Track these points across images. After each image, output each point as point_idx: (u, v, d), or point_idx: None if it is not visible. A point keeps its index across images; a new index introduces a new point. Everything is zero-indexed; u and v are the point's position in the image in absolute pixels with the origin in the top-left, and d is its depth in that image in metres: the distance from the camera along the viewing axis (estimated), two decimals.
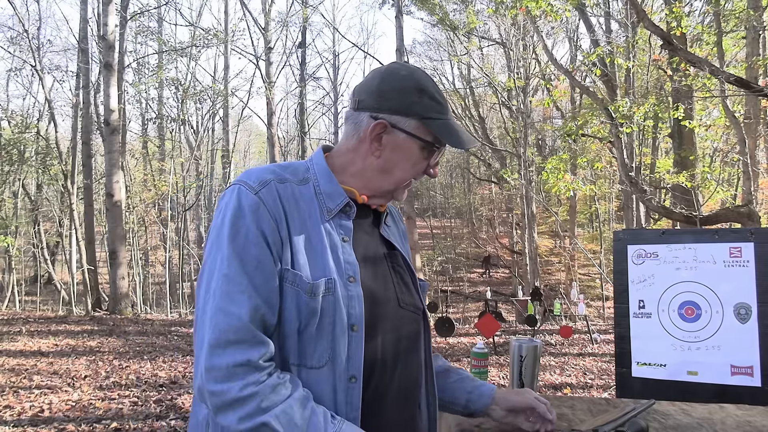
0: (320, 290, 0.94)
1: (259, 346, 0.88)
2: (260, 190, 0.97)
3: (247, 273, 0.91)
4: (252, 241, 0.93)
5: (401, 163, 1.05)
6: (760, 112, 7.80)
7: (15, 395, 5.12)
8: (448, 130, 1.05)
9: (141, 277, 14.44)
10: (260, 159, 34.22)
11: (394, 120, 1.04)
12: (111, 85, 11.22)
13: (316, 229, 0.99)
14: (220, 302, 0.89)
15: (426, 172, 1.09)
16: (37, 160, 14.87)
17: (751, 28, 7.55)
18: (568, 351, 7.71)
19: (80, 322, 10.05)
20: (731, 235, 2.13)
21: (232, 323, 0.87)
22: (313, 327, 0.94)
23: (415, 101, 1.04)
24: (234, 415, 0.85)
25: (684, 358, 2.05)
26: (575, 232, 19.30)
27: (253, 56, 17.94)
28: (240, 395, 0.85)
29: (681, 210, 7.44)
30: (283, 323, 0.95)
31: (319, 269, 0.96)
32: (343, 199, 1.04)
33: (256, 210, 0.95)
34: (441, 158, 1.13)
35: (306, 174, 1.06)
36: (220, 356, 0.86)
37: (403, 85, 1.05)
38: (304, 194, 1.02)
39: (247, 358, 0.86)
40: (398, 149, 1.05)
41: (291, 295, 0.94)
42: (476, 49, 17.35)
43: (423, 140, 1.04)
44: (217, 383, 0.86)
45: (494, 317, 7.30)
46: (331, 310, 0.95)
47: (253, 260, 0.92)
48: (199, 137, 18.94)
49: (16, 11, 13.01)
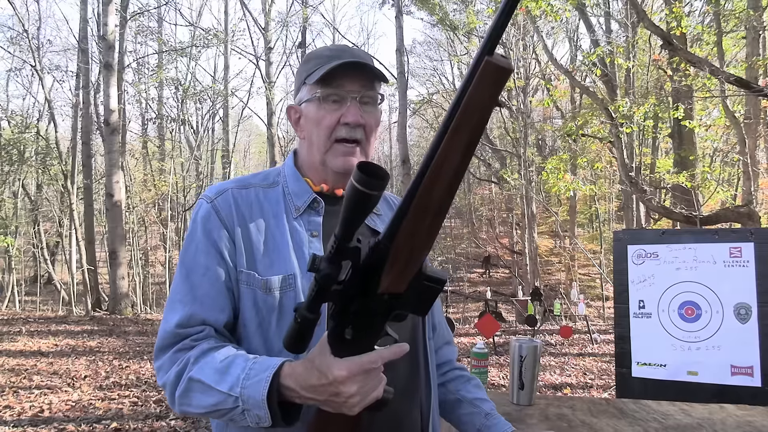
0: (275, 286, 0.98)
1: (183, 344, 0.96)
2: (215, 199, 1.04)
3: (189, 281, 1.00)
4: (201, 250, 1.01)
5: (312, 128, 1.06)
6: (760, 112, 7.79)
7: (15, 395, 5.12)
8: (322, 69, 1.01)
9: (141, 277, 14.43)
10: (260, 159, 34.20)
11: (297, 99, 1.10)
12: (111, 85, 11.22)
13: (280, 228, 1.03)
14: (165, 310, 1.02)
15: (340, 122, 1.03)
16: (37, 160, 14.86)
17: (751, 28, 7.55)
18: (568, 351, 7.71)
19: (80, 322, 10.05)
20: (731, 235, 2.13)
21: (165, 330, 0.98)
22: (274, 323, 0.98)
23: (303, 70, 1.07)
24: (174, 394, 0.93)
25: (684, 358, 2.05)
26: (575, 232, 19.29)
27: (253, 56, 17.95)
28: (170, 378, 0.94)
29: (681, 210, 7.43)
30: (245, 323, 1.01)
31: (281, 266, 1.00)
32: (309, 196, 1.07)
33: (207, 220, 1.02)
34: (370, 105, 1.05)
35: (276, 177, 1.11)
36: (158, 359, 0.98)
37: (298, 67, 1.11)
38: (271, 197, 1.07)
39: (173, 354, 0.96)
40: (307, 118, 1.07)
41: (247, 294, 1.00)
42: (476, 49, 17.35)
43: (314, 96, 1.04)
44: (160, 379, 0.97)
45: (494, 317, 7.30)
46: (292, 305, 0.96)
47: (201, 268, 1.00)
48: (199, 137, 18.93)
49: (16, 11, 12.99)
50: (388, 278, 0.73)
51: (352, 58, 1.02)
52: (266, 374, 0.84)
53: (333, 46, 1.08)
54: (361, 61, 1.01)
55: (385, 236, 0.71)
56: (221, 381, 0.88)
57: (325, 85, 1.02)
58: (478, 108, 0.63)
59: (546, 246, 21.77)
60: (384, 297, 0.75)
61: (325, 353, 0.80)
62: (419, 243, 0.71)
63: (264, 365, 0.87)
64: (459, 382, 1.21)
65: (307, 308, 0.76)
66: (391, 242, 0.71)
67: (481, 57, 0.62)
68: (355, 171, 0.65)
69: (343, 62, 1.00)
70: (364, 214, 0.68)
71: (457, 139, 0.65)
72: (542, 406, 1.64)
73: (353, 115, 1.02)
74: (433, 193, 0.68)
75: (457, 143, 0.65)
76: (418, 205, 0.69)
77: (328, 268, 0.71)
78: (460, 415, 1.17)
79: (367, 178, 0.65)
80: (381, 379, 0.82)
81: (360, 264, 0.73)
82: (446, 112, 0.65)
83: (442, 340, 1.25)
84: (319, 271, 0.71)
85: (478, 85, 0.62)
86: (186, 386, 0.92)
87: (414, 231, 0.70)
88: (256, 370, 0.86)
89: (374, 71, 1.03)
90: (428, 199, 0.68)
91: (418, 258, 0.72)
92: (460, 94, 0.64)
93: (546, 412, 1.58)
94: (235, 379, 0.87)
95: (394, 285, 0.73)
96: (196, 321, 0.97)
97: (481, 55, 0.62)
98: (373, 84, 1.06)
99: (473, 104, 0.63)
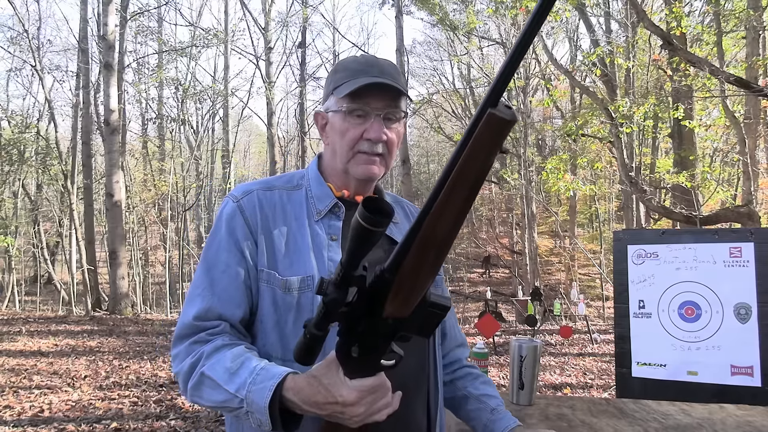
0: (295, 286, 1.03)
1: (199, 336, 1.01)
2: (241, 199, 1.09)
3: (210, 276, 1.04)
4: (224, 248, 1.05)
5: (337, 138, 1.09)
6: (760, 112, 7.79)
7: (15, 395, 5.12)
8: (350, 84, 1.05)
9: (141, 277, 14.44)
10: (260, 159, 34.20)
11: (324, 107, 1.14)
12: (111, 85, 11.22)
13: (302, 230, 1.07)
14: (184, 303, 1.07)
15: (363, 136, 1.07)
16: (37, 160, 14.86)
17: (751, 28, 7.54)
18: (568, 351, 7.71)
19: (80, 322, 10.05)
20: (731, 235, 2.13)
21: (183, 321, 1.02)
22: (291, 321, 1.02)
23: (331, 80, 1.11)
24: (187, 385, 0.98)
25: (684, 358, 2.05)
26: (575, 232, 19.29)
27: (253, 56, 17.96)
28: (185, 368, 0.98)
29: (681, 210, 7.43)
30: (263, 320, 1.05)
31: (301, 267, 1.04)
32: (330, 200, 1.11)
33: (232, 218, 1.07)
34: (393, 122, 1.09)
35: (300, 181, 1.16)
36: (175, 347, 1.03)
37: (328, 74, 1.15)
38: (294, 199, 1.12)
39: (189, 345, 1.00)
40: (332, 127, 1.11)
41: (267, 293, 1.04)
42: (476, 49, 17.35)
43: (340, 108, 1.07)
44: (175, 367, 1.02)
45: (494, 317, 7.30)
46: (309, 305, 1.02)
47: (222, 264, 1.04)
48: (199, 137, 18.92)
49: (16, 11, 12.99)
50: (392, 305, 0.75)
51: (379, 75, 1.06)
52: (271, 383, 0.88)
53: (362, 59, 1.10)
54: (386, 83, 1.04)
55: (390, 267, 0.73)
56: (230, 381, 0.92)
57: (351, 100, 1.05)
58: (480, 158, 0.65)
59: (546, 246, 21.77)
60: (388, 321, 0.77)
61: (333, 372, 0.84)
62: (422, 276, 0.73)
63: (270, 373, 0.90)
64: (467, 379, 1.24)
65: (315, 326, 0.79)
66: (395, 274, 0.73)
67: (485, 108, 0.63)
68: (360, 208, 0.67)
69: (369, 83, 1.03)
70: (369, 246, 0.71)
71: (460, 184, 0.67)
72: (542, 406, 1.64)
73: (376, 132, 1.06)
74: (436, 230, 0.70)
75: (460, 188, 0.67)
76: (421, 239, 0.71)
77: (334, 292, 0.74)
78: (468, 411, 1.20)
79: (371, 216, 0.67)
80: (388, 402, 0.85)
81: (365, 290, 0.76)
82: (450, 158, 0.67)
83: (454, 343, 1.28)
84: (326, 295, 0.75)
85: (480, 136, 0.64)
86: (198, 380, 0.96)
87: (417, 265, 0.72)
88: (262, 377, 0.90)
89: (399, 88, 1.06)
90: (432, 235, 0.70)
91: (421, 289, 0.75)
92: (463, 143, 0.65)
93: (546, 412, 1.58)
94: (242, 382, 0.91)
95: (397, 311, 0.76)
96: (213, 315, 1.01)
97: (484, 107, 0.63)
98: (398, 101, 1.09)
99: (475, 154, 0.65)
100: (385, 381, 0.84)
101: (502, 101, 0.64)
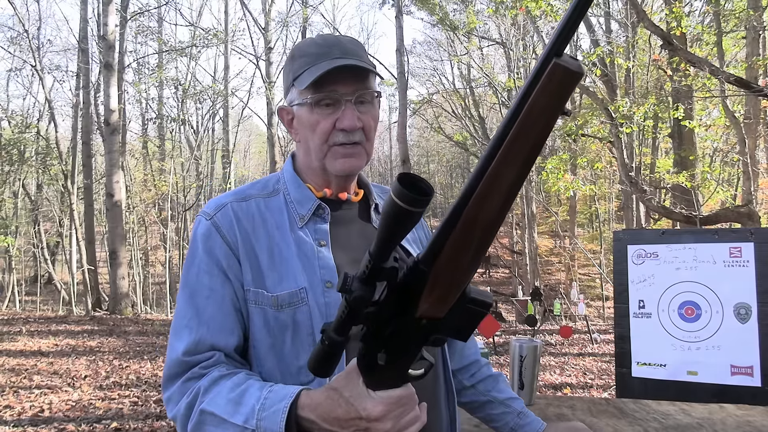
0: (286, 302, 0.93)
1: (192, 372, 0.91)
2: (215, 215, 0.98)
3: (194, 304, 0.93)
4: (204, 271, 0.95)
5: (307, 133, 0.99)
6: (760, 112, 7.79)
7: (15, 395, 5.12)
8: (311, 72, 0.94)
9: (141, 277, 14.45)
10: (260, 159, 34.20)
11: (288, 100, 1.03)
12: (111, 85, 11.22)
13: (286, 239, 0.97)
14: (170, 336, 0.95)
15: (336, 127, 0.96)
16: (37, 160, 14.86)
17: (751, 28, 7.54)
18: (568, 351, 7.71)
19: (80, 322, 10.05)
20: (731, 235, 2.13)
21: (172, 358, 0.92)
22: (289, 341, 0.93)
23: (290, 70, 1.00)
24: (187, 428, 0.87)
25: (684, 358, 2.05)
26: (575, 232, 19.29)
27: (253, 56, 17.95)
28: (181, 410, 0.88)
29: (681, 210, 7.43)
30: (255, 345, 0.95)
31: (290, 280, 0.94)
32: (312, 203, 1.01)
33: (208, 238, 0.96)
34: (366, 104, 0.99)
35: (276, 185, 1.05)
36: (167, 389, 0.92)
37: (285, 63, 1.04)
38: (273, 206, 1.01)
39: (182, 384, 0.90)
40: (300, 122, 1.00)
41: (257, 314, 0.94)
42: (476, 49, 17.35)
43: (305, 100, 0.97)
44: (170, 412, 0.91)
45: (494, 317, 7.30)
46: (307, 321, 0.92)
47: (205, 290, 0.94)
48: (199, 137, 18.93)
49: (16, 11, 13.00)
50: (427, 303, 0.65)
51: (341, 55, 0.95)
52: (283, 404, 0.79)
53: (320, 39, 0.99)
54: (351, 63, 0.94)
55: (425, 258, 0.64)
56: (235, 413, 0.82)
57: (316, 89, 0.95)
58: (543, 115, 0.56)
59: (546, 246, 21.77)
60: (422, 321, 0.67)
61: (355, 383, 0.75)
62: (463, 268, 0.63)
63: (280, 394, 0.81)
64: (488, 382, 1.18)
65: (335, 330, 0.69)
66: (431, 266, 0.63)
67: (549, 58, 0.54)
68: (395, 184, 0.58)
69: (332, 67, 0.92)
70: (404, 232, 0.61)
71: (517, 148, 0.57)
72: (542, 406, 1.64)
73: (349, 120, 0.95)
74: (484, 208, 0.59)
75: (517, 153, 0.57)
76: (464, 223, 0.60)
77: (361, 289, 0.64)
78: (491, 415, 1.16)
79: (410, 194, 0.57)
80: (417, 416, 0.77)
81: (396, 285, 0.66)
82: (504, 119, 0.57)
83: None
84: (351, 293, 0.64)
85: (544, 89, 0.54)
86: (198, 419, 0.86)
87: (457, 255, 0.62)
88: (271, 400, 0.81)
89: (367, 67, 0.96)
90: (477, 217, 0.60)
91: (461, 283, 0.65)
92: (522, 99, 0.56)
93: (546, 411, 1.58)
94: (250, 410, 0.81)
95: (433, 310, 0.66)
96: (205, 347, 0.91)
97: (548, 56, 0.54)
98: (367, 80, 0.98)
99: (537, 110, 0.55)
100: (413, 392, 0.75)
101: (566, 53, 0.54)
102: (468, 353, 1.20)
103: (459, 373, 1.18)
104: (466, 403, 1.19)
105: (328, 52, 0.95)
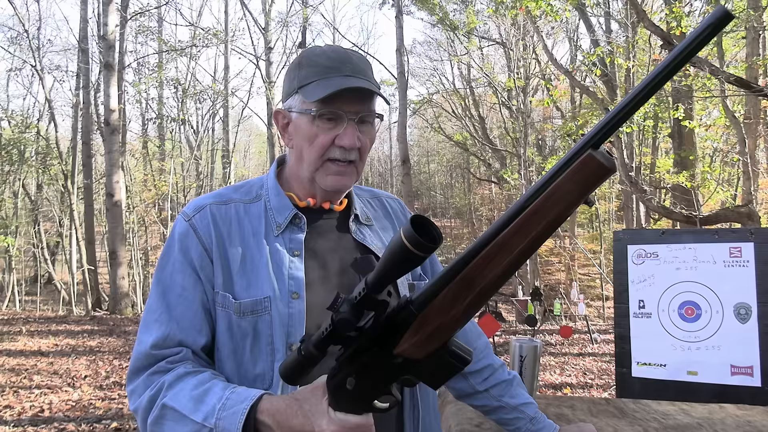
0: (249, 309, 0.93)
1: (159, 366, 0.91)
2: (193, 216, 0.99)
3: (165, 301, 0.94)
4: (178, 270, 0.96)
5: (304, 143, 0.97)
6: (760, 112, 7.80)
7: (15, 395, 5.12)
8: (321, 85, 0.93)
9: (141, 277, 14.43)
10: (260, 159, 34.21)
11: (286, 105, 1.01)
12: (111, 85, 11.22)
13: (260, 247, 0.97)
14: (139, 330, 0.96)
15: (335, 143, 0.96)
16: (37, 160, 14.86)
17: (751, 28, 7.54)
18: (568, 351, 7.71)
19: (80, 322, 10.05)
20: (731, 235, 2.13)
21: (140, 350, 0.92)
22: (248, 349, 0.93)
23: (296, 76, 0.99)
24: (146, 422, 0.88)
25: (684, 358, 2.05)
26: (575, 232, 19.29)
27: (253, 56, 17.96)
28: (143, 403, 0.89)
29: (681, 210, 7.43)
30: (219, 347, 0.96)
31: (256, 288, 0.94)
32: (290, 212, 1.01)
33: (185, 238, 0.97)
34: (367, 125, 0.99)
35: (259, 191, 1.05)
36: (131, 382, 0.92)
37: (290, 67, 1.03)
38: (252, 212, 1.01)
39: (147, 377, 0.91)
40: (297, 130, 0.99)
41: (222, 317, 0.95)
42: (476, 49, 17.35)
43: (308, 111, 0.96)
44: (132, 404, 0.92)
45: (494, 317, 7.29)
46: (267, 330, 0.92)
47: (177, 288, 0.95)
48: (199, 137, 18.92)
49: (16, 11, 13.00)
50: (408, 343, 0.67)
51: (352, 73, 0.95)
52: (243, 406, 0.80)
53: (331, 52, 0.98)
54: (362, 86, 0.94)
55: (418, 300, 0.65)
56: (196, 410, 0.83)
57: (322, 104, 0.94)
58: (565, 199, 0.56)
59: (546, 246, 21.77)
60: (398, 359, 0.68)
61: (318, 399, 0.76)
62: (451, 320, 0.64)
63: (242, 396, 0.82)
64: (501, 387, 1.17)
65: (314, 344, 0.71)
66: (422, 309, 0.65)
67: (584, 148, 0.54)
68: (407, 226, 0.59)
69: (343, 88, 0.92)
70: (405, 272, 0.63)
71: (533, 223, 0.58)
72: (542, 405, 1.64)
73: (350, 139, 0.95)
74: (484, 271, 0.60)
75: (531, 227, 0.58)
76: (463, 279, 0.61)
77: (348, 312, 0.65)
78: (503, 419, 1.16)
79: (419, 240, 0.58)
80: None
81: (383, 319, 0.67)
82: (527, 191, 0.58)
83: (470, 335, 1.20)
84: (339, 313, 0.66)
85: (572, 175, 0.55)
86: (159, 413, 0.86)
87: (449, 307, 0.63)
88: (232, 401, 0.82)
89: (374, 89, 0.96)
90: (476, 278, 0.61)
91: (445, 334, 0.66)
92: (549, 178, 0.57)
93: (546, 411, 1.58)
94: (210, 409, 0.82)
95: (412, 351, 0.67)
96: (173, 342, 0.92)
97: (584, 146, 0.55)
98: (372, 102, 0.98)
99: (561, 193, 0.56)
100: (370, 423, 0.75)
101: (603, 147, 0.55)
102: (481, 356, 1.20)
103: (471, 376, 1.17)
104: (479, 407, 1.19)
105: (338, 68, 0.95)
